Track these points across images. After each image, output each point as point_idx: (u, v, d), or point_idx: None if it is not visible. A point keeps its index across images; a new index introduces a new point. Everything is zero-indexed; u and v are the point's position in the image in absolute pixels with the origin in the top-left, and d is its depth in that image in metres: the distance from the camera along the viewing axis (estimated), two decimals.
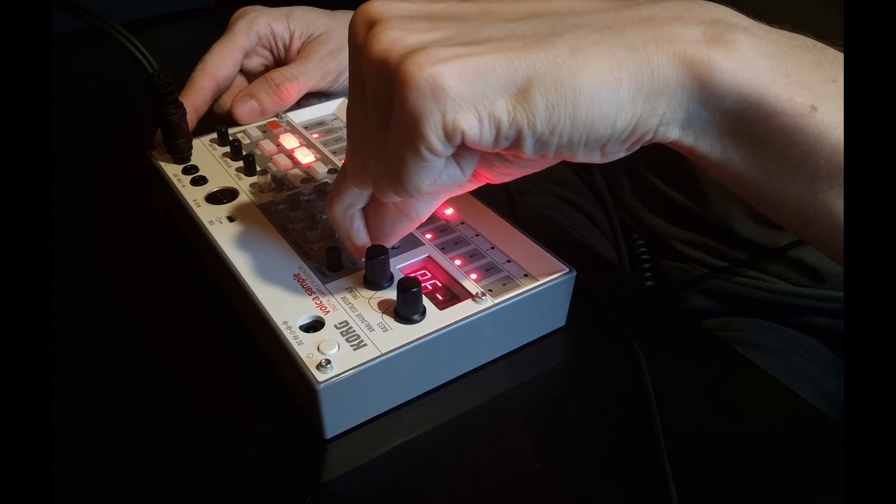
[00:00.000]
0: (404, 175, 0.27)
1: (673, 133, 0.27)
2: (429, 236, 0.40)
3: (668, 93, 0.26)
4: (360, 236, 0.35)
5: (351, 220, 0.35)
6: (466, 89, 0.24)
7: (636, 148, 0.28)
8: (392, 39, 0.26)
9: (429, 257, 0.39)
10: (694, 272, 0.57)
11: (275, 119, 0.52)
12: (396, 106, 0.25)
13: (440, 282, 0.38)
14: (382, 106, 0.27)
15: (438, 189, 0.29)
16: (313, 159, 0.47)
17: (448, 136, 0.25)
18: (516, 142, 0.26)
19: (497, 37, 0.26)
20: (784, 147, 0.26)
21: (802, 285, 0.53)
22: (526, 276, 0.38)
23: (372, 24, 0.27)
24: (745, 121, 0.26)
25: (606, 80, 0.25)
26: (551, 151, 0.27)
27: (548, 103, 0.25)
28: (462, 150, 0.27)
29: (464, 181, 0.29)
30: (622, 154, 0.28)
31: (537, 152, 0.27)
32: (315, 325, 0.34)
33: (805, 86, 0.26)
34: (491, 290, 0.36)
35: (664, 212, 0.60)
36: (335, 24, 0.55)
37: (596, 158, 0.28)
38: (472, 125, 0.25)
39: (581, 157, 0.28)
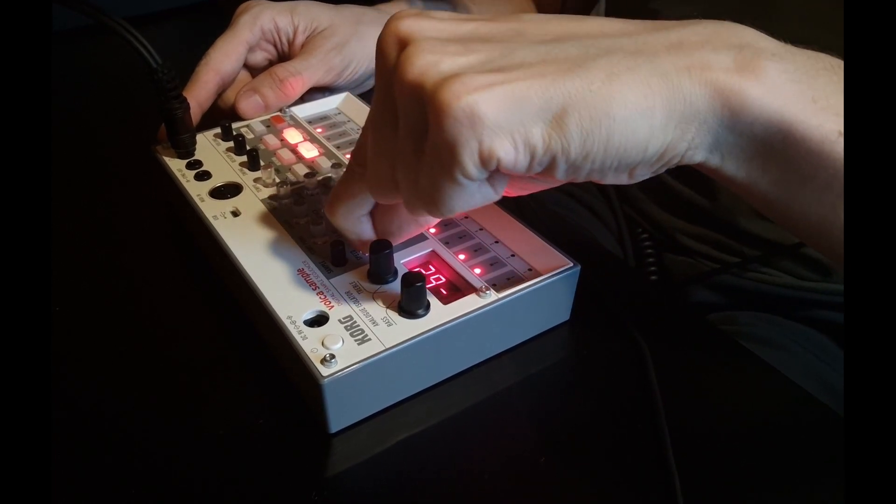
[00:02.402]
0: (439, 198, 0.27)
1: (699, 156, 0.27)
2: (433, 230, 0.40)
3: (698, 119, 0.26)
4: (370, 236, 0.35)
5: (360, 224, 0.35)
6: (503, 117, 0.25)
7: (662, 171, 0.28)
8: (426, 64, 0.26)
9: (433, 252, 0.39)
10: (699, 266, 0.57)
11: (278, 114, 0.52)
12: (432, 132, 0.26)
13: (444, 276, 0.38)
14: (416, 129, 0.27)
15: (472, 208, 0.29)
16: (317, 154, 0.47)
17: (484, 162, 0.25)
18: (549, 167, 0.26)
19: (530, 61, 0.26)
20: (811, 170, 0.26)
21: (808, 279, 0.53)
22: (530, 270, 0.37)
23: (403, 43, 0.27)
24: (773, 145, 0.26)
25: (640, 107, 0.25)
26: (582, 175, 0.27)
27: (583, 130, 0.25)
28: (495, 172, 0.27)
29: (496, 199, 0.29)
30: (648, 175, 0.28)
31: (569, 176, 0.27)
32: (319, 320, 0.34)
33: (832, 111, 0.26)
34: (495, 285, 0.36)
35: (669, 205, 0.60)
36: (339, 19, 0.55)
37: (623, 180, 0.28)
38: (507, 152, 0.25)
39: (609, 180, 0.28)
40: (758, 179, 0.28)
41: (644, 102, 0.25)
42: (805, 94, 0.26)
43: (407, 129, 0.27)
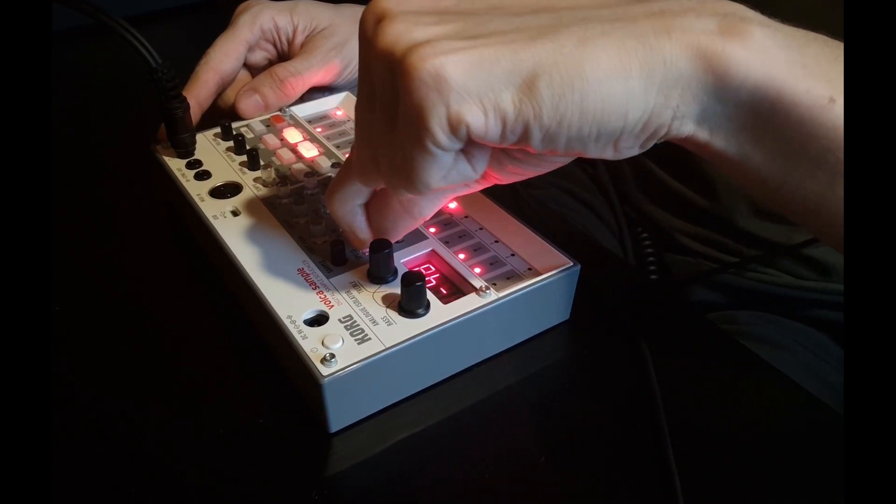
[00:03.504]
0: (413, 171, 0.27)
1: (687, 128, 0.26)
2: (433, 230, 0.40)
3: (681, 84, 0.25)
4: (363, 229, 0.35)
5: (353, 214, 0.35)
6: (470, 81, 0.24)
7: (650, 144, 0.27)
8: (398, 32, 0.26)
9: (433, 251, 0.39)
10: (699, 266, 0.57)
11: (278, 113, 0.52)
12: (401, 99, 0.25)
13: (444, 276, 0.38)
14: (389, 100, 0.27)
15: (450, 185, 0.29)
16: (317, 153, 0.47)
17: (453, 128, 0.25)
18: (524, 135, 0.26)
19: (503, 30, 0.25)
20: (803, 141, 0.26)
21: (808, 279, 0.53)
22: (530, 269, 0.37)
23: (381, 19, 0.27)
24: (762, 114, 0.25)
25: (615, 69, 0.24)
26: (561, 145, 0.26)
27: (554, 93, 0.24)
28: (472, 146, 0.27)
29: (475, 178, 0.29)
30: (636, 151, 0.28)
31: (546, 146, 0.26)
32: (319, 320, 0.34)
33: (823, 77, 0.25)
34: (495, 284, 0.36)
35: (669, 205, 0.60)
36: (339, 18, 0.55)
37: (609, 154, 0.27)
38: (476, 118, 0.25)
39: (593, 153, 0.27)
40: (749, 154, 0.27)
41: (619, 64, 0.24)
42: (794, 60, 0.25)
43: (382, 104, 0.27)
